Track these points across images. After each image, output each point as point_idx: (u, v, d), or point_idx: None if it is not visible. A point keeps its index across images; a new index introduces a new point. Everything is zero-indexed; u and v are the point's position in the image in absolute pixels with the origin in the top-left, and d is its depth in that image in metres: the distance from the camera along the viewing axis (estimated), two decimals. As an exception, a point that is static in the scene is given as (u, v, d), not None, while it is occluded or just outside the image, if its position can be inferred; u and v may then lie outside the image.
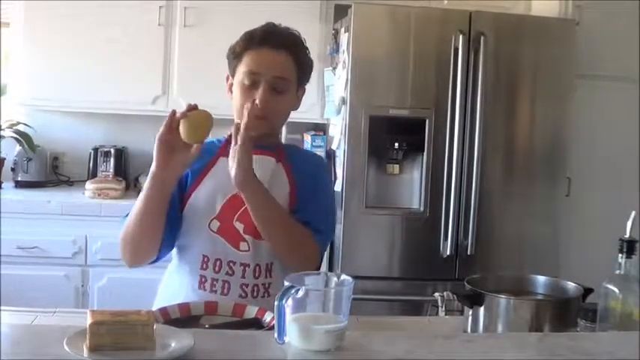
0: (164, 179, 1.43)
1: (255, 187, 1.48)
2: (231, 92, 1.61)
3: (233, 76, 1.61)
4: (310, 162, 1.71)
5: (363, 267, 2.78)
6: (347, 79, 2.78)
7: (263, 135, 1.58)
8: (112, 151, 3.38)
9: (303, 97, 1.67)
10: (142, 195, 1.47)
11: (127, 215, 1.53)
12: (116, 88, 3.18)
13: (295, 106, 1.64)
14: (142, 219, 1.47)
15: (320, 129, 3.36)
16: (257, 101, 1.53)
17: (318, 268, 1.64)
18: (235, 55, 1.59)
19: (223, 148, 1.60)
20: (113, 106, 3.24)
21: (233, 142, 1.47)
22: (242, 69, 1.56)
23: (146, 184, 1.46)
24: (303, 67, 1.61)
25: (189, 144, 1.41)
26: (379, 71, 2.77)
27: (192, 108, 1.42)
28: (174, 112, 1.42)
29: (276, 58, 1.55)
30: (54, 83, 3.17)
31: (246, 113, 1.49)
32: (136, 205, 1.49)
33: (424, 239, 2.82)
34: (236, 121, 1.55)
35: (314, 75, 1.73)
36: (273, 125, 1.62)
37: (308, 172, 1.64)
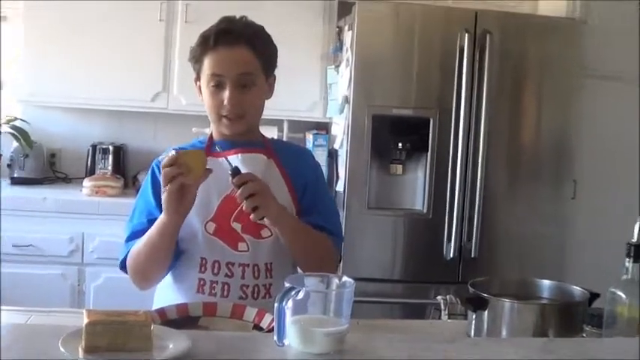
0: (177, 222, 1.48)
1: (287, 217, 1.53)
2: (201, 94, 1.62)
3: (199, 79, 1.62)
4: (300, 156, 1.73)
5: (365, 269, 2.78)
6: (350, 78, 2.78)
7: (244, 133, 1.61)
8: (111, 148, 3.39)
9: (307, 96, 1.70)
10: (153, 233, 1.50)
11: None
12: (116, 84, 3.19)
13: (268, 95, 1.65)
14: (154, 254, 1.52)
15: (322, 128, 3.36)
16: (226, 103, 1.55)
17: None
18: (196, 60, 1.60)
19: (208, 148, 1.62)
20: (112, 102, 3.25)
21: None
22: (205, 72, 1.57)
23: (158, 226, 1.49)
24: (265, 57, 1.60)
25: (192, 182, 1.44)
26: (383, 70, 2.77)
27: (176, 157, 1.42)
28: (175, 157, 1.41)
29: (235, 55, 1.55)
30: (52, 79, 3.17)
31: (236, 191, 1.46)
32: (145, 240, 1.52)
33: (427, 241, 2.82)
34: (210, 128, 1.61)
35: (316, 73, 1.74)
36: (251, 121, 1.62)
37: (301, 167, 1.66)
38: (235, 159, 1.59)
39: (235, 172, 1.47)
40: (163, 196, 1.44)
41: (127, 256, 1.56)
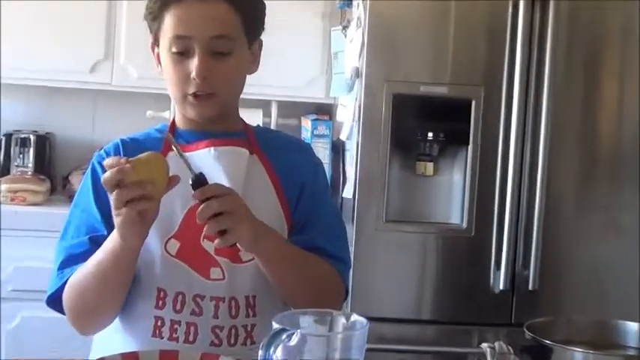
0: (137, 246, 1.47)
1: (269, 241, 1.53)
2: (161, 65, 1.64)
3: (157, 44, 1.63)
4: (295, 151, 1.75)
5: (382, 305, 2.77)
6: (362, 43, 2.76)
7: (218, 118, 1.62)
8: (32, 138, 3.39)
9: (304, 68, 1.72)
10: (103, 260, 1.50)
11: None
12: (39, 50, 3.21)
13: (251, 67, 1.68)
14: (106, 288, 1.52)
15: (324, 112, 3.36)
16: (193, 75, 1.55)
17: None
18: (153, 17, 1.61)
19: (169, 140, 1.62)
20: (34, 75, 3.26)
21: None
22: (166, 34, 1.58)
23: (110, 252, 1.48)
24: (248, 15, 1.61)
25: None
26: (408, 32, 2.75)
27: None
28: (127, 171, 1.37)
29: (208, 10, 1.56)
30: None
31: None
32: (92, 269, 1.52)
33: (467, 267, 2.80)
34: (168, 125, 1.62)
35: (317, 39, 1.75)
36: (227, 102, 1.64)
37: (296, 166, 1.69)
38: (207, 154, 1.61)
39: (197, 181, 1.45)
40: (116, 220, 1.42)
41: (63, 289, 1.56)
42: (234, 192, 1.48)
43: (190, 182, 1.44)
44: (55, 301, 1.59)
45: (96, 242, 1.55)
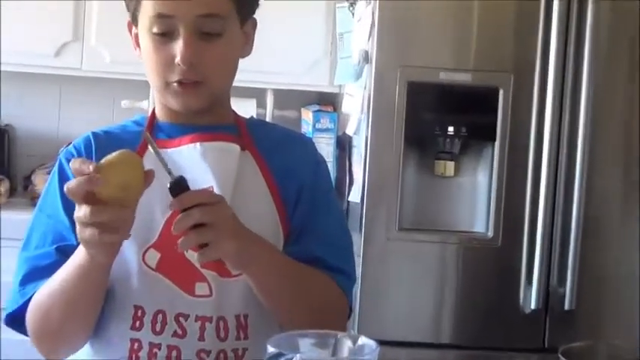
0: (109, 261, 1.46)
1: (258, 255, 1.51)
2: (139, 47, 1.64)
3: (136, 23, 1.63)
4: (294, 147, 1.75)
5: (394, 326, 2.77)
6: (372, 22, 2.77)
7: (206, 109, 1.62)
8: (-12, 130, 3.40)
9: (305, 51, 1.71)
10: (71, 276, 1.49)
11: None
12: (1, 35, 3.19)
13: (244, 50, 1.68)
14: (75, 307, 1.52)
15: (327, 102, 3.36)
16: (178, 60, 1.55)
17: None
18: None
19: (148, 133, 1.60)
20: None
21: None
22: (146, 13, 1.58)
23: (78, 267, 1.47)
24: None
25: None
26: (425, 10, 2.76)
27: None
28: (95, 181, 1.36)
29: None
30: None
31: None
32: (59, 286, 1.51)
33: (494, 283, 2.81)
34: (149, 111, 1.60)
35: (319, 17, 1.76)
36: (216, 90, 1.64)
37: (295, 164, 1.69)
38: (192, 151, 1.62)
39: (177, 187, 1.42)
40: (81, 236, 1.40)
41: (26, 306, 1.56)
42: (220, 200, 1.46)
43: (168, 187, 1.42)
44: (15, 320, 1.58)
45: (64, 253, 1.53)
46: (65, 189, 1.37)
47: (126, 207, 1.39)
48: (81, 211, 1.36)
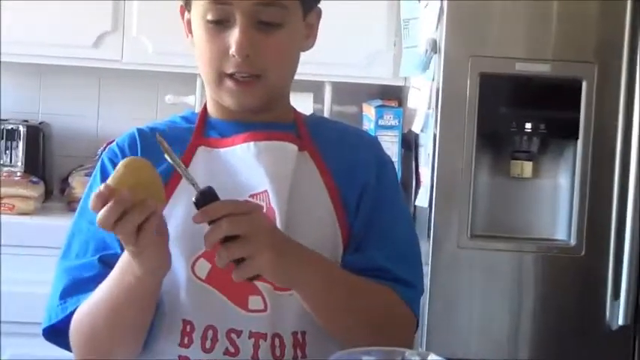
0: (158, 278, 1.50)
1: (304, 269, 1.51)
2: (191, 34, 1.64)
3: (189, 8, 1.64)
4: (355, 145, 1.73)
5: (466, 342, 2.81)
6: (442, 8, 2.77)
7: (262, 106, 1.62)
8: (22, 129, 3.43)
9: (366, 41, 1.70)
10: (116, 291, 1.51)
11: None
12: (33, 22, 3.27)
13: (306, 43, 1.68)
14: (123, 322, 1.54)
15: (392, 96, 3.37)
16: (233, 51, 1.55)
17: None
18: None
19: (198, 130, 1.66)
20: (25, 50, 3.31)
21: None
22: None
23: (124, 283, 1.50)
24: None
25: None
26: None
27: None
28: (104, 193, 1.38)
29: None
30: None
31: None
32: (105, 301, 1.53)
33: (576, 296, 2.82)
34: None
35: (382, 3, 1.74)
36: (274, 85, 1.63)
37: (357, 165, 1.68)
38: (245, 151, 1.62)
39: (202, 198, 1.42)
40: (131, 253, 1.43)
41: (67, 320, 1.56)
42: (253, 209, 1.44)
43: (194, 201, 1.41)
44: (54, 333, 1.59)
45: (108, 264, 1.55)
46: (97, 222, 1.38)
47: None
48: (120, 231, 1.38)
